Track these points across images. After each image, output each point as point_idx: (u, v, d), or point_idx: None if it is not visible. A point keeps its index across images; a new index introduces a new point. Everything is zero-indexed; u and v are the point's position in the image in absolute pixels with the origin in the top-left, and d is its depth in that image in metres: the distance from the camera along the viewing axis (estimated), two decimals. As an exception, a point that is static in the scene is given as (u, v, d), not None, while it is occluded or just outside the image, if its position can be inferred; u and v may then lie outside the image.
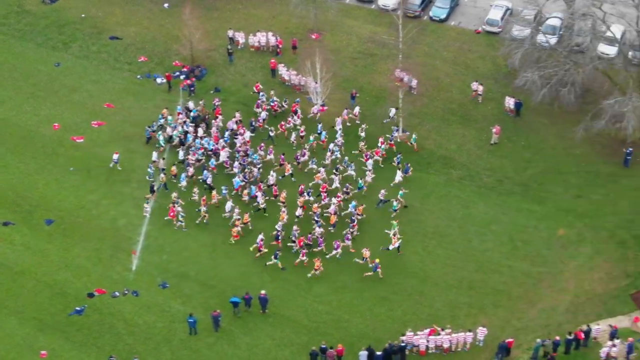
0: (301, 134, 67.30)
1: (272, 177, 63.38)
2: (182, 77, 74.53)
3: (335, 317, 55.78)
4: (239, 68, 75.66)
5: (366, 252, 57.65)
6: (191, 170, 64.11)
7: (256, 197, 61.96)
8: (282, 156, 65.07)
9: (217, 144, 66.27)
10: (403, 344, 52.50)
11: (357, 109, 69.71)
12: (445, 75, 74.50)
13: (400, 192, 61.72)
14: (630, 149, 64.28)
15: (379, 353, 51.77)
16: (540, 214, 61.96)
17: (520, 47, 65.66)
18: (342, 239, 58.99)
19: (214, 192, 62.35)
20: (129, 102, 72.22)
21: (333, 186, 62.81)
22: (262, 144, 66.06)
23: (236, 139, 66.91)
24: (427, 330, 53.18)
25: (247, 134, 67.02)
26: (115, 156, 65.19)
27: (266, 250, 58.57)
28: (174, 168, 64.56)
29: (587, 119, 63.51)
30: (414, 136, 66.88)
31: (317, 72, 69.86)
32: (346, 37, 78.77)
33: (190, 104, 70.09)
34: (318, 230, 59.33)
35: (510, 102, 69.92)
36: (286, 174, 64.12)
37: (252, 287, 56.66)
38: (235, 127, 67.97)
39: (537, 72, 63.82)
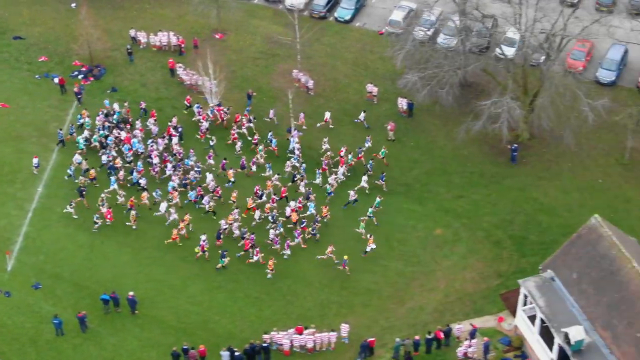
0: (254, 141, 66.56)
1: (212, 182, 63.30)
2: (80, 76, 74.37)
3: (204, 317, 55.93)
4: (138, 68, 75.59)
5: (330, 249, 58.22)
6: (122, 173, 63.91)
7: (196, 201, 62.04)
8: (224, 161, 64.52)
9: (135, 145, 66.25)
10: (266, 344, 52.67)
11: (327, 114, 68.75)
12: (344, 76, 74.73)
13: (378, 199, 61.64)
14: (515, 145, 64.79)
15: (238, 353, 51.91)
16: (420, 214, 62.39)
17: (403, 49, 65.81)
18: (292, 238, 59.64)
19: (143, 194, 62.06)
20: (24, 102, 72.01)
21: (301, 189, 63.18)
22: (211, 153, 66.01)
23: (157, 142, 66.70)
24: (291, 330, 53.37)
25: (175, 139, 66.90)
26: (34, 160, 64.85)
27: (206, 252, 58.74)
28: (92, 172, 64.06)
29: (469, 120, 63.89)
30: (383, 150, 65.85)
31: (209, 72, 69.84)
32: (250, 37, 78.85)
33: (116, 106, 69.60)
34: (272, 232, 59.52)
35: (403, 103, 70.30)
36: (230, 179, 63.68)
37: (126, 288, 56.65)
38: (157, 129, 67.91)
39: (417, 74, 64.11)
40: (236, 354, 51.98)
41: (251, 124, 68.26)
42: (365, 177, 63.51)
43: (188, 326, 55.39)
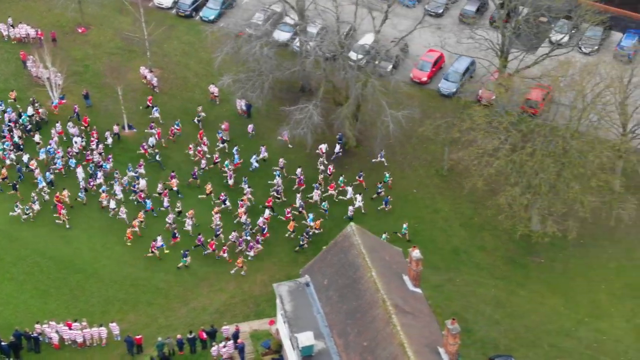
0: (215, 161, 66.16)
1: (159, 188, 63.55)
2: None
3: (-9, 308, 56.35)
4: (-5, 59, 76.15)
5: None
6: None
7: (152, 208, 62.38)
8: (173, 173, 64.36)
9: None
10: (35, 334, 53.06)
11: (324, 146, 66.20)
12: (195, 75, 75.12)
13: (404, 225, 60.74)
14: (340, 134, 65.50)
15: (4, 344, 52.37)
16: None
17: (223, 50, 66.12)
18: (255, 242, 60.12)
19: (64, 192, 62.27)
20: None
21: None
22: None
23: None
24: (61, 324, 53.77)
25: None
26: None
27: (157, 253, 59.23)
28: (4, 171, 64.15)
29: (284, 124, 64.19)
30: (387, 175, 65.05)
31: (48, 65, 70.34)
32: (112, 33, 79.26)
33: (29, 110, 69.51)
34: (234, 234, 59.88)
35: (241, 104, 70.67)
36: (174, 188, 63.70)
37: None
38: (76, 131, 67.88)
39: (231, 76, 64.50)
40: (2, 344, 52.35)
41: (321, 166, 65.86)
42: (359, 197, 62.54)
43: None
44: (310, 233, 60.51)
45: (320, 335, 47.49)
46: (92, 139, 67.35)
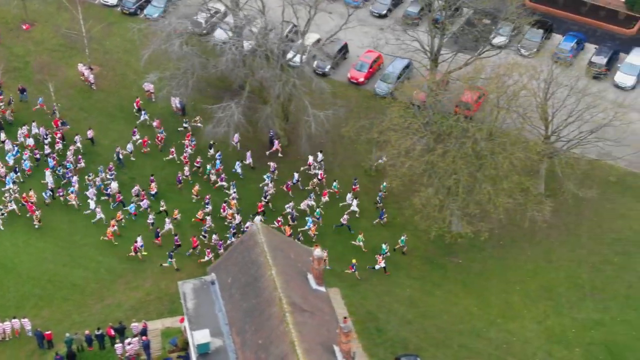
0: (197, 164, 65.71)
1: (135, 189, 63.62)
2: None
3: None
4: None
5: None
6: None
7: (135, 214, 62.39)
8: (152, 177, 64.25)
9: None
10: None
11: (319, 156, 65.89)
12: (134, 73, 75.21)
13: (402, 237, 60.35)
14: (272, 132, 65.89)
15: None
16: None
17: (150, 48, 66.29)
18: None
19: (30, 193, 62.27)
20: None
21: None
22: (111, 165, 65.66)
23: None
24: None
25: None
26: None
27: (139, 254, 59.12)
28: None
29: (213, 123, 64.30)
30: (334, 183, 64.66)
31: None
32: (55, 30, 79.36)
33: None
34: (215, 236, 59.89)
35: (175, 102, 70.85)
36: (151, 192, 63.62)
37: None
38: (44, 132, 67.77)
39: (157, 74, 64.67)
40: None
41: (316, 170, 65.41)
42: (355, 201, 62.36)
43: None
44: (302, 239, 59.76)
45: (219, 333, 47.69)
46: (56, 140, 67.13)
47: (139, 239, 59.47)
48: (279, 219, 61.29)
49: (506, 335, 54.97)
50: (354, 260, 58.27)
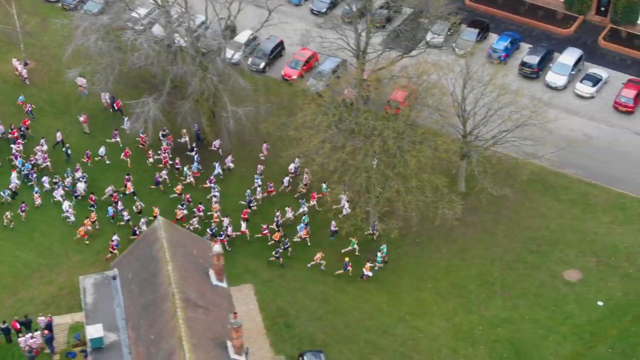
0: (177, 166, 65.45)
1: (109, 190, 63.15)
2: None
3: None
4: None
5: (319, 255, 58.36)
6: None
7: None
8: (127, 176, 63.85)
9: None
10: None
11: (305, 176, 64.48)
12: (68, 68, 75.22)
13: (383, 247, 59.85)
14: (197, 126, 66.04)
15: None
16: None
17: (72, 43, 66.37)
18: None
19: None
20: None
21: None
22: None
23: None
24: None
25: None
26: None
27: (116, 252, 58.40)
28: None
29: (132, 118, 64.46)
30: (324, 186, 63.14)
31: None
32: (-2, 25, 79.49)
33: None
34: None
35: (106, 97, 70.99)
36: (127, 192, 63.19)
37: None
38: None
39: (79, 69, 64.83)
40: None
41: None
42: (347, 204, 61.19)
43: None
44: (289, 247, 59.59)
45: (115, 327, 48.00)
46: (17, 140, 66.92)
47: (115, 237, 58.94)
48: (264, 226, 60.71)
49: (413, 331, 55.29)
50: (347, 259, 58.20)
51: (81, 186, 63.47)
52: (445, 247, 60.27)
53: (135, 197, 62.86)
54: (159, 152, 66.00)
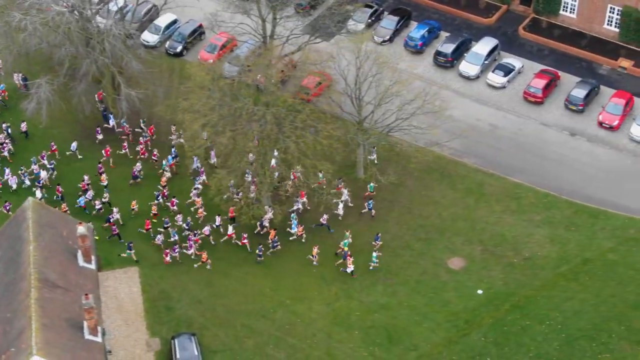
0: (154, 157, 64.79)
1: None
2: None
3: None
4: None
5: (315, 250, 58.18)
6: None
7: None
8: (100, 165, 63.27)
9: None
10: None
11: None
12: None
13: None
14: (104, 106, 65.89)
15: None
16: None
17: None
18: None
19: None
20: None
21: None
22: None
23: None
24: None
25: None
26: None
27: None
28: None
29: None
30: (371, 184, 62.53)
31: None
32: None
33: None
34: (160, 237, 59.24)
35: (19, 78, 71.22)
36: (102, 182, 62.66)
37: None
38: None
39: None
40: None
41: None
42: (341, 205, 61.27)
43: None
44: (277, 247, 59.19)
45: (-21, 306, 48.56)
46: None
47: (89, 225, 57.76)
48: (244, 235, 59.71)
49: (291, 316, 55.69)
50: (346, 249, 58.22)
51: (44, 174, 62.59)
52: (337, 233, 60.53)
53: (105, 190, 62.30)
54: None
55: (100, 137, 65.99)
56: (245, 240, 59.03)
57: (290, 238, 59.90)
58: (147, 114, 65.42)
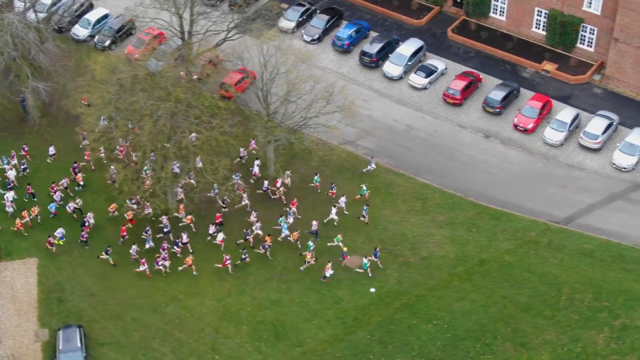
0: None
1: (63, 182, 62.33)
2: None
3: None
4: None
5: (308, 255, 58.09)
6: None
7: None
8: (75, 164, 62.80)
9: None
10: None
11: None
12: None
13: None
14: (22, 96, 66.21)
15: None
16: None
17: None
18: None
19: None
20: None
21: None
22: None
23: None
24: None
25: None
26: None
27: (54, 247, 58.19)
28: None
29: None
30: (363, 188, 62.76)
31: None
32: None
33: None
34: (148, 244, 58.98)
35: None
36: (80, 183, 62.51)
37: None
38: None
39: None
40: None
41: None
42: (334, 210, 61.14)
43: None
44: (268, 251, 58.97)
45: None
46: None
47: (60, 230, 58.58)
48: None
49: (182, 311, 55.90)
50: (345, 249, 58.30)
51: (11, 174, 62.08)
52: (237, 230, 60.68)
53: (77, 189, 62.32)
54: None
55: (85, 142, 63.77)
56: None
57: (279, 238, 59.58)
58: (56, 107, 65.68)
